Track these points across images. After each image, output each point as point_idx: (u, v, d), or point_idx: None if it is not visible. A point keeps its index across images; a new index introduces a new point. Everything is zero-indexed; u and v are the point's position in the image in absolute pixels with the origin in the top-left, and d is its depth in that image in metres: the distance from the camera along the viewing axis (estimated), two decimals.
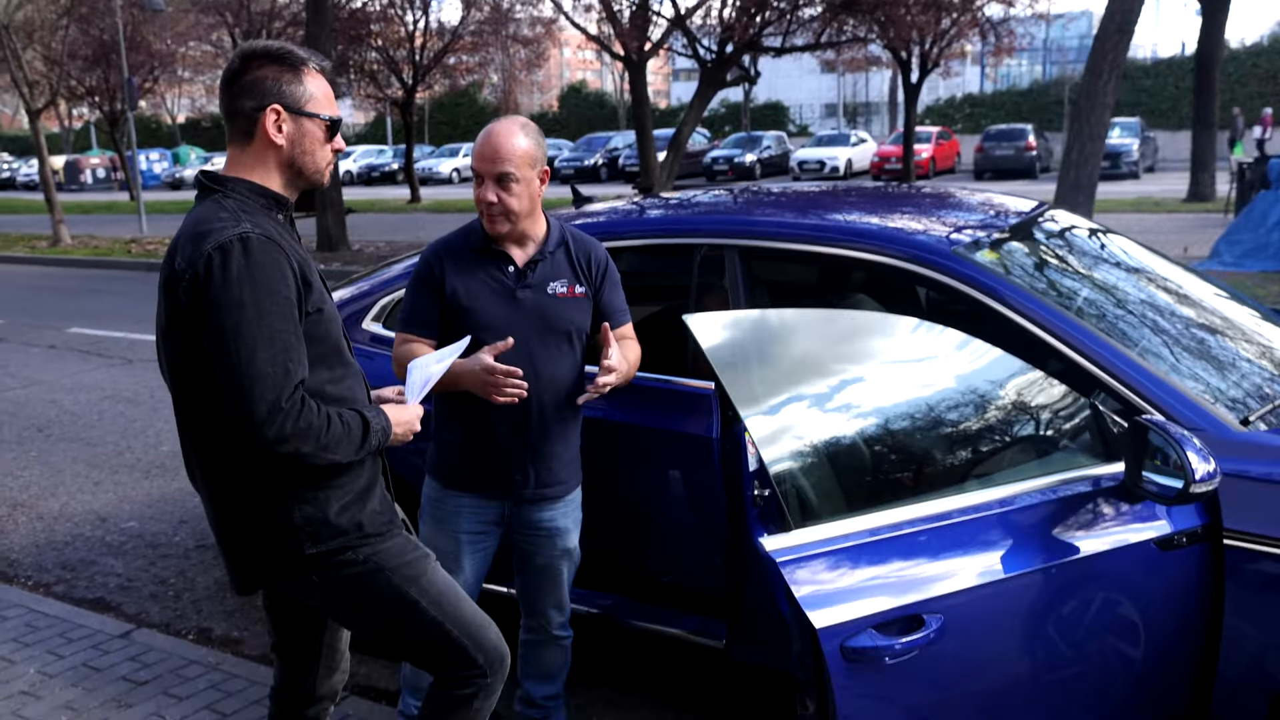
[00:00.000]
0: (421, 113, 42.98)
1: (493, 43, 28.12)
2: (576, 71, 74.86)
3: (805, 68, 46.42)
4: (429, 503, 2.96)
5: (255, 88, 2.16)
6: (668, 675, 3.75)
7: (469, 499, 2.91)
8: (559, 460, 2.91)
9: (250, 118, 2.17)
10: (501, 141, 2.74)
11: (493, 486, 2.89)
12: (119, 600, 4.58)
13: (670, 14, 19.29)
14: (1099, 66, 12.38)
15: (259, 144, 2.18)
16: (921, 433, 2.42)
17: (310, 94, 2.20)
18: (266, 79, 2.16)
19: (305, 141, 2.21)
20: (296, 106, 2.18)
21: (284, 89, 2.17)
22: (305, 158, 2.22)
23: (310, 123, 2.21)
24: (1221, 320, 3.31)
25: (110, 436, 7.09)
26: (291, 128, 2.19)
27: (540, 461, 2.87)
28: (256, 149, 2.19)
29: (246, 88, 2.16)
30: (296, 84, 2.18)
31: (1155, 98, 38.86)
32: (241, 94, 2.16)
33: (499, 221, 2.79)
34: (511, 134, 2.76)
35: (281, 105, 2.17)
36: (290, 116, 2.18)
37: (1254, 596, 2.38)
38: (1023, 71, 49.51)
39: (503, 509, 2.93)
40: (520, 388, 2.64)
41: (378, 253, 16.46)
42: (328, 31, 15.28)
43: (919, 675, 2.19)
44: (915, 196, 4.04)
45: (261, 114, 2.16)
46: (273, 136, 2.17)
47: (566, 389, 2.87)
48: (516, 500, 2.91)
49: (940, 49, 24.84)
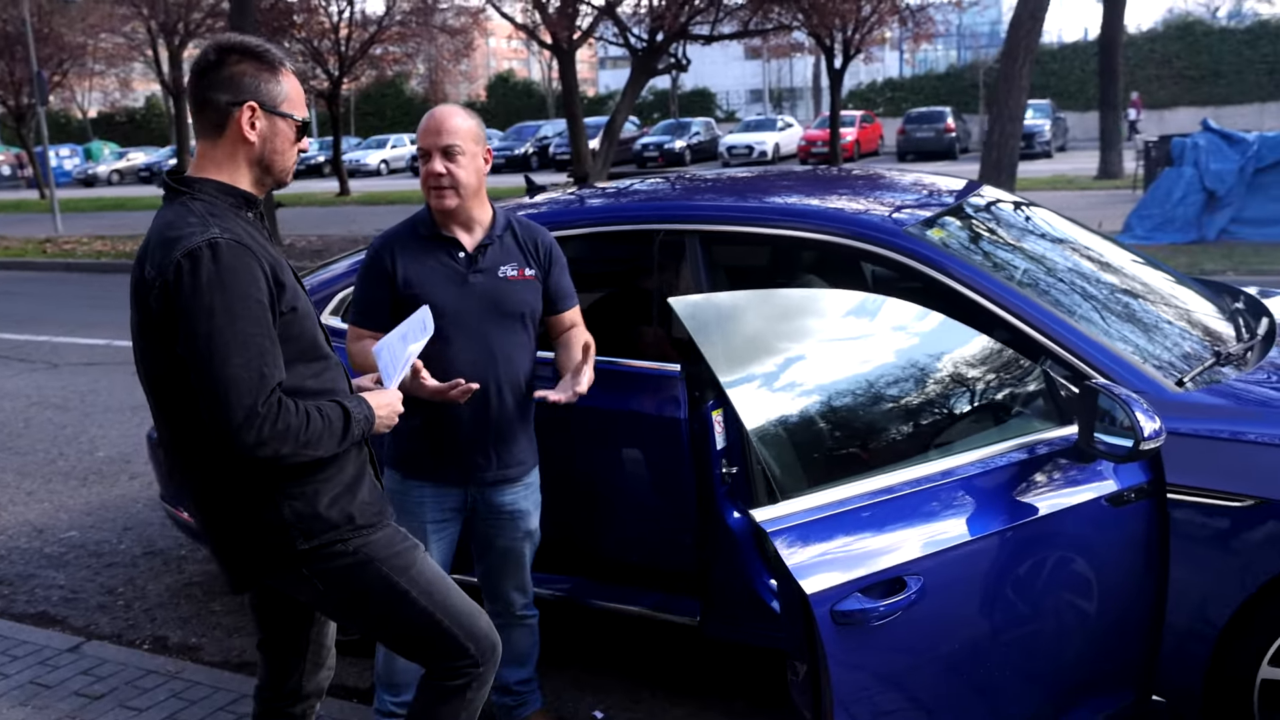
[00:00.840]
0: (348, 104, 42.37)
1: (419, 33, 27.81)
2: (503, 61, 74.34)
3: (730, 55, 46.65)
4: (390, 495, 2.95)
5: (232, 83, 2.15)
6: (639, 655, 3.80)
7: (431, 488, 2.94)
8: (518, 440, 2.96)
9: (224, 112, 2.16)
10: (446, 116, 2.83)
11: (455, 472, 2.92)
12: (64, 613, 4.43)
13: (599, 2, 19.27)
14: (1014, 51, 12.76)
15: (230, 139, 2.18)
16: (889, 406, 2.52)
17: (286, 94, 2.21)
18: (245, 75, 2.16)
19: (277, 141, 2.21)
20: (272, 105, 2.18)
21: (261, 86, 2.17)
22: (275, 157, 2.22)
23: (283, 122, 2.21)
24: (1150, 289, 3.48)
25: (40, 444, 6.88)
26: (265, 126, 2.18)
27: (501, 443, 2.92)
28: (227, 144, 2.18)
29: (223, 81, 2.15)
30: (274, 83, 2.19)
31: (1063, 80, 39.93)
32: (217, 87, 2.15)
33: (448, 195, 2.82)
34: (454, 112, 2.86)
35: (258, 103, 2.16)
36: (265, 115, 2.18)
37: (1195, 546, 2.55)
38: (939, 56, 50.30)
39: (465, 496, 2.96)
40: (471, 388, 2.69)
41: (310, 247, 16.23)
42: (251, 22, 14.98)
43: (902, 635, 2.29)
44: (849, 179, 4.15)
45: (237, 109, 2.15)
46: (246, 133, 2.17)
47: (522, 370, 2.93)
48: (479, 484, 2.94)
49: (862, 35, 25.16)
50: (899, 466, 2.43)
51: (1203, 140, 12.39)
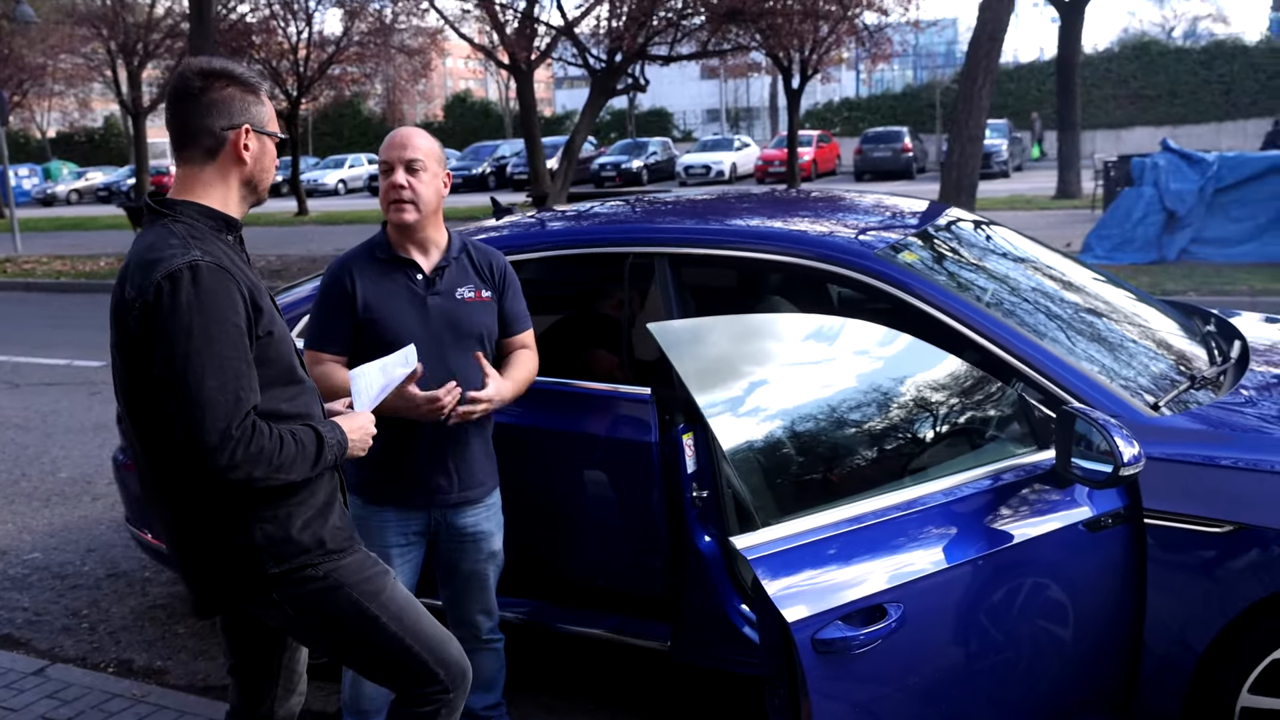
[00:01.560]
0: (306, 124, 42.10)
1: (377, 54, 27.76)
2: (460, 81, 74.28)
3: (687, 74, 46.97)
4: (353, 521, 2.93)
5: (226, 107, 2.18)
6: (610, 680, 3.78)
7: (393, 512, 2.93)
8: (478, 461, 2.98)
9: (219, 136, 2.18)
10: (411, 134, 2.90)
11: (419, 495, 2.92)
12: (28, 636, 4.38)
13: (558, 23, 19.34)
14: (974, 72, 12.91)
15: (224, 162, 2.20)
16: (866, 430, 2.53)
17: (268, 114, 2.27)
18: (234, 99, 2.19)
19: (265, 159, 2.26)
20: (261, 126, 2.23)
21: (251, 109, 2.21)
22: (263, 175, 2.27)
23: (269, 141, 2.27)
24: (1122, 312, 3.51)
25: (2, 465, 6.78)
26: (256, 146, 2.23)
27: (462, 463, 2.93)
28: (220, 167, 2.20)
29: (215, 106, 2.17)
30: (259, 104, 2.24)
31: (1020, 100, 40.46)
32: (209, 113, 2.17)
33: (407, 210, 2.84)
34: (419, 132, 2.93)
35: (250, 125, 2.21)
36: (256, 135, 2.22)
37: (1172, 572, 2.55)
38: (895, 76, 50.92)
39: (428, 520, 2.96)
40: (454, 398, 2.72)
41: (269, 266, 16.08)
42: (210, 43, 14.93)
43: (883, 662, 2.29)
44: (809, 201, 4.18)
45: (234, 132, 2.19)
46: (242, 154, 2.20)
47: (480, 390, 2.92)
48: (442, 506, 2.94)
49: (819, 55, 25.40)
50: (875, 493, 2.43)
51: (1162, 160, 12.48)
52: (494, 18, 19.11)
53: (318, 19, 43.19)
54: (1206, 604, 2.53)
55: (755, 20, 19.28)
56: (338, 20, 26.47)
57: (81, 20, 27.29)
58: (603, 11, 19.26)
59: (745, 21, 19.36)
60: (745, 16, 18.75)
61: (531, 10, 19.49)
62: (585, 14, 19.61)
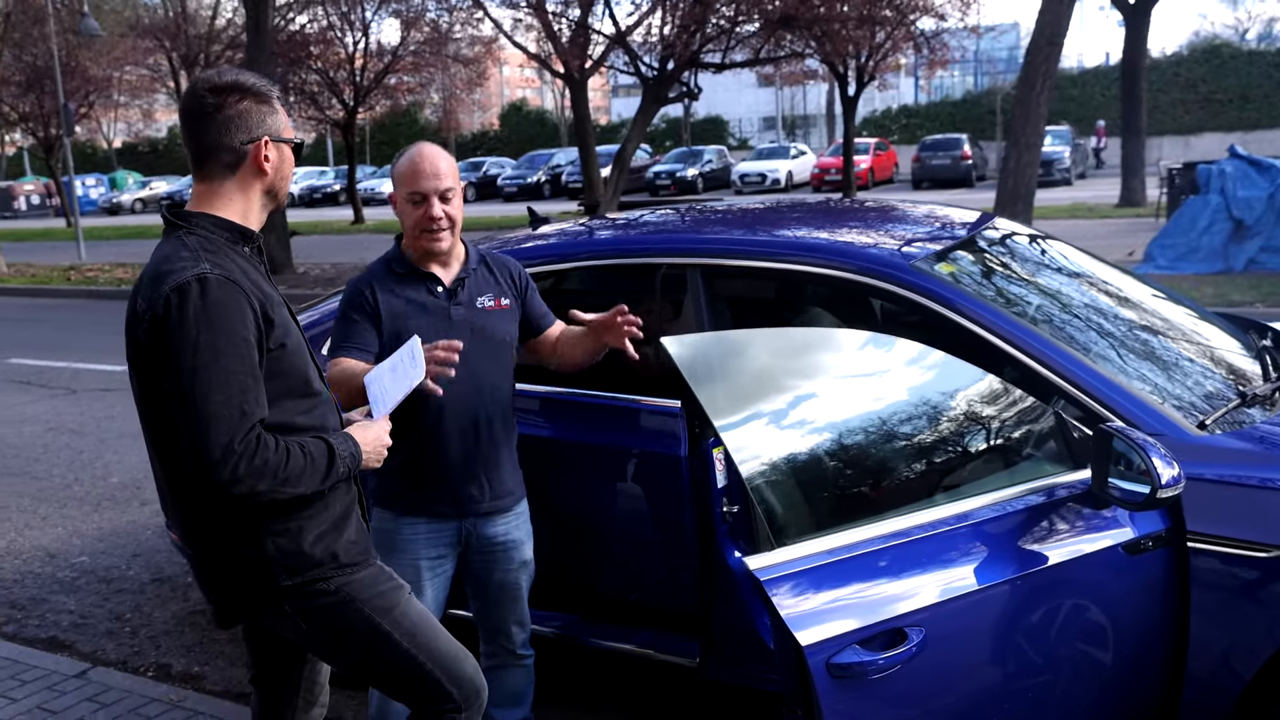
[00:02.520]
0: (363, 133, 42.66)
1: (433, 63, 28.00)
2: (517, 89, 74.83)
3: (743, 82, 46.74)
4: (381, 535, 2.91)
5: (243, 121, 2.17)
6: (641, 696, 3.74)
7: (424, 524, 2.91)
8: (506, 469, 2.98)
9: (239, 151, 2.18)
10: (438, 158, 2.86)
11: (448, 505, 2.90)
12: (73, 639, 4.46)
13: (610, 32, 19.36)
14: (1032, 77, 12.67)
15: (245, 175, 2.20)
16: (893, 447, 2.45)
17: (284, 121, 2.26)
18: (251, 112, 2.19)
19: (284, 168, 2.27)
20: (278, 135, 2.23)
21: (267, 120, 2.21)
22: (283, 182, 2.28)
23: (288, 149, 2.27)
24: (1171, 326, 3.39)
25: (57, 469, 6.93)
26: (276, 155, 2.23)
27: (492, 471, 2.93)
28: (241, 180, 2.20)
29: (233, 121, 2.17)
30: (274, 114, 2.23)
31: (1083, 106, 39.69)
32: (227, 129, 2.16)
33: (444, 238, 2.85)
34: (441, 153, 2.89)
35: (269, 136, 2.21)
36: (274, 145, 2.22)
37: (1217, 597, 2.44)
38: (955, 82, 50.30)
39: (459, 530, 2.94)
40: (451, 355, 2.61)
41: (323, 275, 16.31)
42: (268, 54, 15.15)
43: (903, 688, 2.22)
44: (861, 210, 4.10)
45: (254, 145, 2.18)
46: (264, 166, 2.21)
47: (505, 399, 2.97)
48: (474, 515, 2.93)
49: (876, 62, 25.14)
50: (899, 513, 2.36)
51: (1229, 167, 12.11)
52: (548, 27, 19.18)
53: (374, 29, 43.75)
54: (1254, 630, 2.41)
55: (809, 27, 19.13)
56: (394, 30, 26.75)
57: (145, 33, 27.94)
58: (655, 20, 19.26)
59: (799, 28, 19.22)
60: (799, 23, 18.62)
61: (585, 19, 19.53)
62: (638, 23, 19.61)
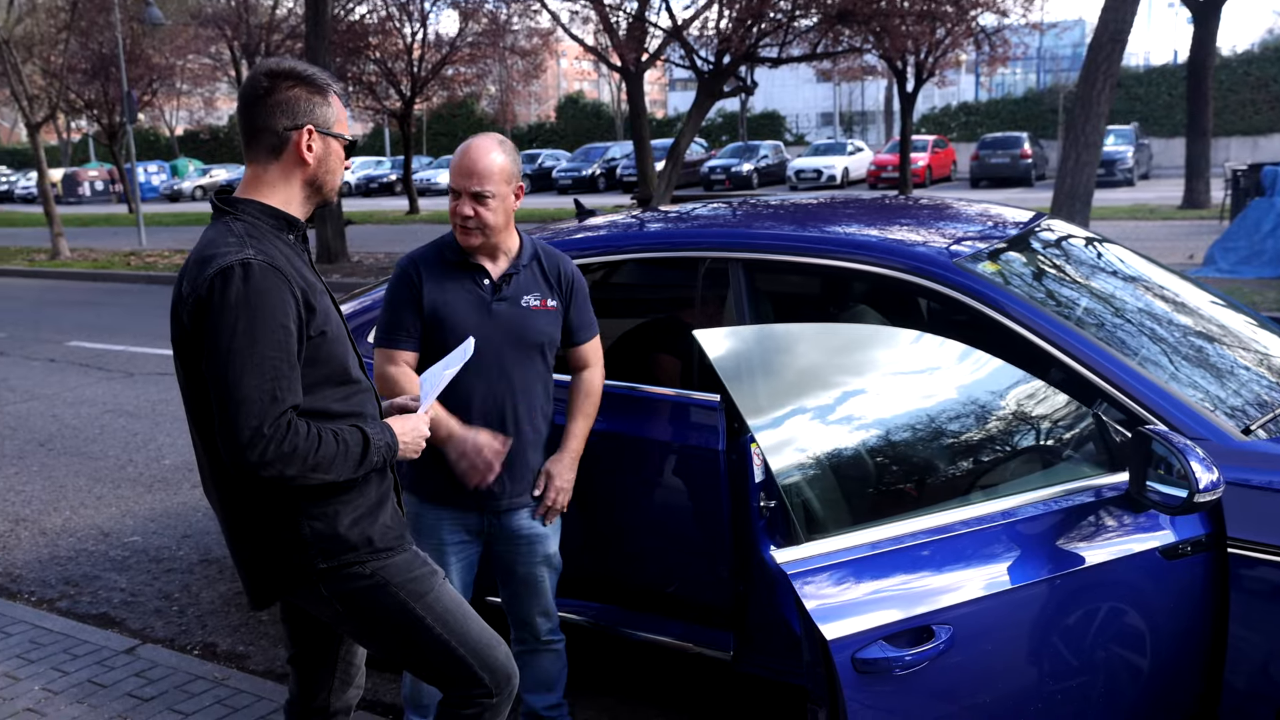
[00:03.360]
0: (419, 124, 43.01)
1: (490, 54, 28.17)
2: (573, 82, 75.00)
3: (801, 77, 46.44)
4: (408, 519, 2.94)
5: (290, 107, 2.21)
6: (677, 687, 3.75)
7: (447, 511, 2.96)
8: (531, 468, 2.99)
9: (282, 136, 2.21)
10: (479, 158, 2.84)
11: (470, 498, 2.93)
12: (123, 615, 4.57)
13: (667, 25, 19.35)
14: (1093, 75, 12.44)
15: (287, 162, 2.23)
16: (926, 444, 2.43)
17: (336, 115, 2.28)
18: (299, 99, 2.21)
19: (330, 161, 2.28)
20: (326, 127, 2.25)
21: (316, 110, 2.23)
22: (328, 176, 2.29)
23: (335, 143, 2.28)
24: (1220, 328, 3.33)
25: (112, 450, 7.09)
26: (320, 147, 2.25)
27: (514, 470, 2.95)
28: (283, 167, 2.23)
29: (279, 106, 2.20)
30: (325, 105, 2.25)
31: (1149, 105, 38.93)
32: (274, 113, 2.20)
33: (473, 235, 2.87)
34: (489, 150, 2.85)
35: (314, 125, 2.23)
36: (320, 136, 2.24)
37: (1258, 605, 2.40)
38: (1017, 80, 49.56)
39: (481, 520, 2.98)
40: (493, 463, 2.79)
41: (377, 264, 16.48)
42: (326, 44, 15.32)
43: (929, 686, 2.21)
44: (914, 208, 4.07)
45: (297, 133, 2.21)
46: (304, 155, 2.23)
47: (538, 401, 2.98)
48: (493, 511, 2.97)
49: (935, 58, 24.87)
50: (934, 509, 2.34)
51: None
52: (605, 19, 19.21)
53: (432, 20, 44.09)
54: None
55: (867, 22, 18.97)
56: (452, 21, 26.99)
57: (207, 22, 28.38)
58: (712, 13, 19.21)
59: (857, 23, 19.07)
60: (857, 18, 18.47)
61: (642, 12, 19.53)
62: (695, 16, 19.57)
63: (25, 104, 20.81)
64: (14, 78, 20.59)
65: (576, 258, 3.55)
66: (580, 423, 3.06)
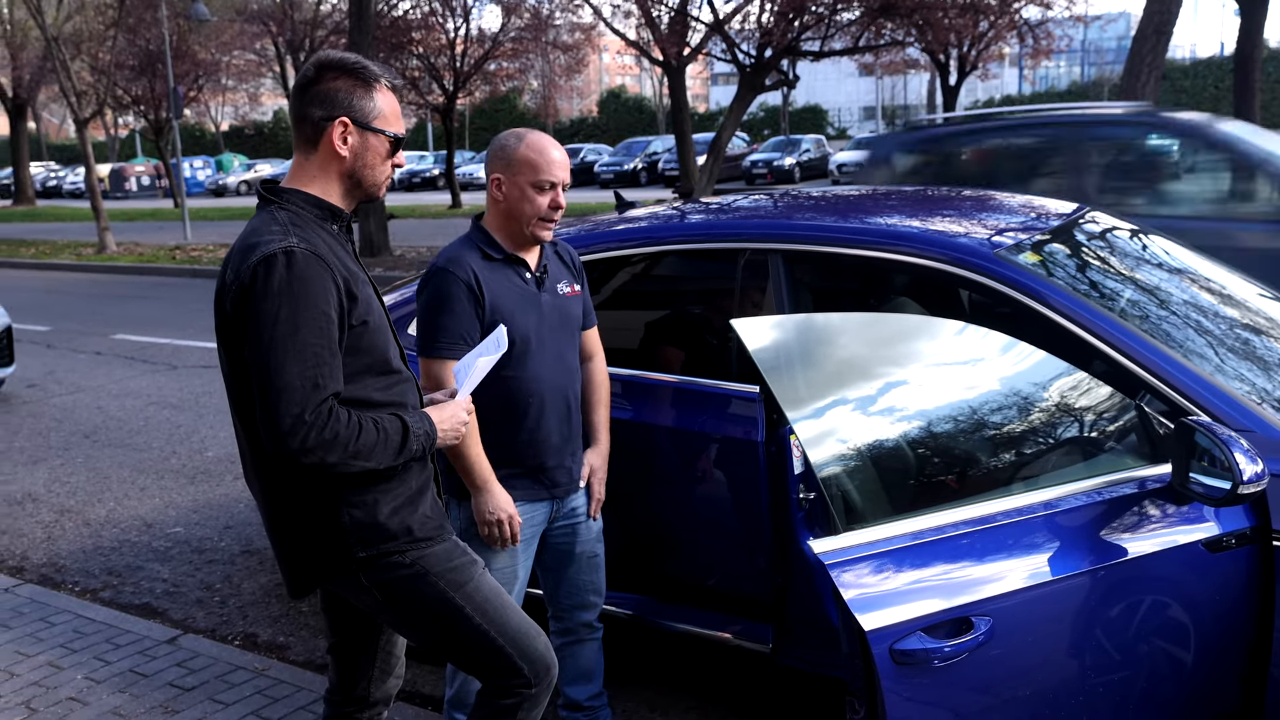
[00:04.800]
0: (462, 119, 43.22)
1: (533, 49, 28.19)
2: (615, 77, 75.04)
3: (843, 71, 46.26)
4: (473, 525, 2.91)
5: (327, 98, 2.21)
6: (715, 679, 3.75)
7: (522, 508, 2.92)
8: (582, 447, 3.05)
9: (318, 126, 2.21)
10: (556, 148, 2.86)
11: (544, 489, 2.94)
12: (165, 606, 4.62)
13: (709, 19, 19.29)
14: (1137, 68, 12.28)
15: (323, 153, 2.23)
16: (966, 435, 2.42)
17: (379, 110, 2.25)
18: (339, 91, 2.21)
19: (368, 155, 2.25)
20: (364, 121, 2.23)
21: (354, 102, 2.22)
22: (366, 171, 2.27)
23: (375, 138, 2.25)
24: (1267, 320, 3.27)
25: (156, 442, 7.18)
26: (357, 141, 2.23)
27: (578, 451, 3.01)
28: (320, 158, 2.24)
29: (318, 96, 2.21)
30: (367, 99, 2.23)
31: (1195, 98, 38.43)
32: (312, 102, 2.21)
33: (552, 229, 2.89)
34: (552, 141, 2.87)
35: (350, 118, 2.21)
36: (357, 130, 2.23)
37: None
38: (1061, 73, 49.09)
39: (550, 509, 2.99)
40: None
41: (419, 258, 16.58)
42: (370, 39, 15.41)
43: (968, 678, 2.19)
44: (956, 199, 4.03)
45: (330, 124, 2.21)
46: (337, 147, 2.22)
47: (580, 380, 3.04)
48: (565, 494, 2.99)
49: (978, 51, 24.67)
50: (974, 500, 2.32)
51: None
52: (647, 14, 19.18)
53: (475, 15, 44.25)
54: None
55: (909, 15, 18.79)
56: (495, 16, 27.08)
57: (252, 18, 28.67)
58: (754, 7, 19.13)
59: (899, 16, 18.90)
60: (899, 11, 18.31)
61: (684, 6, 19.47)
62: (736, 11, 19.50)
63: (73, 100, 21.11)
64: (62, 74, 20.91)
65: (616, 249, 3.56)
66: (604, 412, 3.11)
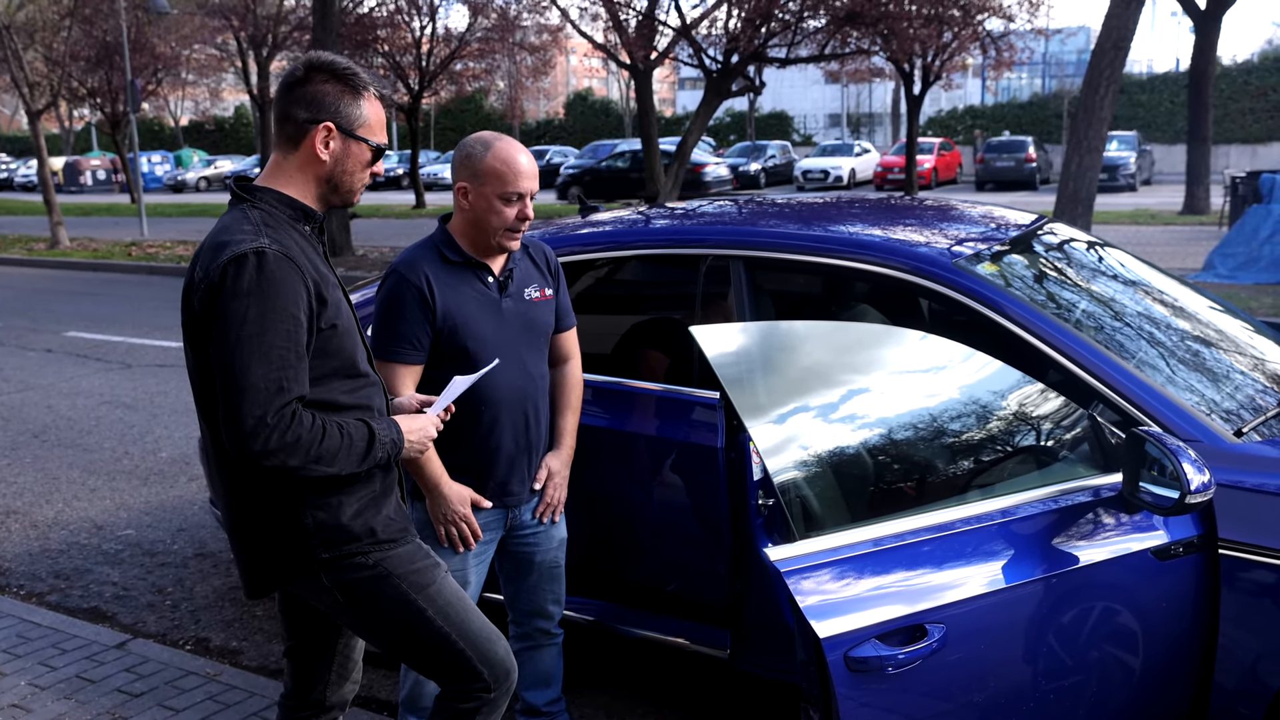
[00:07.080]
0: (428, 118, 43.01)
1: (499, 50, 28.15)
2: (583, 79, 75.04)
3: (809, 78, 46.52)
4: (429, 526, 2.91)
5: (314, 100, 2.18)
6: (671, 684, 3.75)
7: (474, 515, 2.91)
8: (543, 455, 3.00)
9: (301, 127, 2.19)
10: (524, 156, 2.79)
11: (496, 497, 2.91)
12: (114, 610, 4.52)
13: (676, 24, 19.34)
14: (1096, 81, 12.48)
15: (303, 155, 2.21)
16: (924, 443, 2.44)
17: (365, 119, 2.23)
18: (327, 95, 2.18)
19: (348, 162, 2.23)
20: (349, 128, 2.21)
21: (341, 108, 2.19)
22: (345, 177, 2.24)
23: (358, 146, 2.23)
24: (1216, 333, 3.34)
25: (108, 442, 7.05)
26: (339, 146, 2.21)
27: (534, 461, 2.96)
28: (300, 159, 2.21)
29: (305, 98, 2.18)
30: (354, 106, 2.21)
31: (1151, 112, 39.04)
32: (298, 102, 2.18)
33: (519, 239, 2.84)
34: (523, 149, 2.81)
35: (335, 124, 2.19)
36: (340, 136, 2.20)
37: (1249, 605, 2.41)
38: (1022, 84, 49.64)
39: (504, 518, 2.97)
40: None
41: (382, 258, 16.48)
42: (334, 36, 15.30)
43: (922, 684, 2.21)
44: (917, 208, 4.07)
45: (314, 127, 2.18)
46: (319, 151, 2.20)
47: (547, 387, 2.98)
48: (515, 506, 2.96)
49: (942, 62, 24.91)
50: (928, 509, 2.34)
51: None
52: (614, 17, 19.20)
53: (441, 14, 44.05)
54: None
55: (875, 24, 18.95)
56: (462, 16, 26.98)
57: (213, 12, 28.30)
58: (720, 13, 19.20)
59: (865, 25, 19.05)
60: (865, 20, 18.46)
61: (651, 10, 19.51)
62: (704, 16, 19.57)
63: (26, 91, 20.68)
64: (14, 64, 20.45)
65: (580, 253, 3.55)
66: (572, 418, 3.05)
